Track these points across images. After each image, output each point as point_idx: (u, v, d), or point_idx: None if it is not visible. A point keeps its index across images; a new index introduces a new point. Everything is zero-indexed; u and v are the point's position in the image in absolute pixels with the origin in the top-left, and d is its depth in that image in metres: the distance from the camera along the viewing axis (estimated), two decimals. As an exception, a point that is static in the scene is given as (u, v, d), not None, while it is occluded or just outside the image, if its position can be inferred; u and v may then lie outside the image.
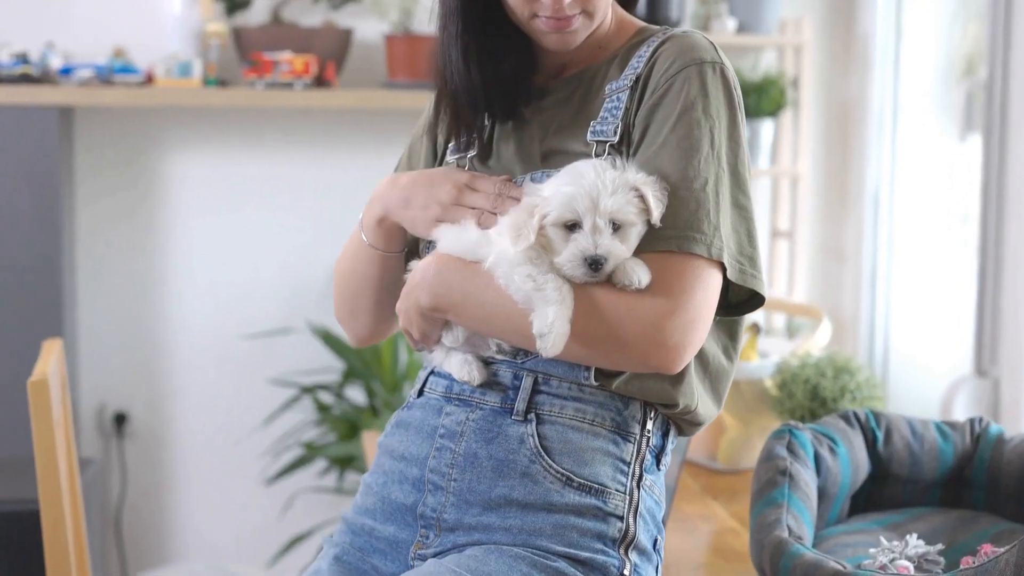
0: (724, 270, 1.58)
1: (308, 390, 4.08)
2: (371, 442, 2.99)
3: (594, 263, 1.52)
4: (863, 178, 4.22)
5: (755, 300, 1.66)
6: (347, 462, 3.99)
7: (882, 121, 4.18)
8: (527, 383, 1.65)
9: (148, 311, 4.13)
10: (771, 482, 1.85)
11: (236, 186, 4.12)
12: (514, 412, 1.64)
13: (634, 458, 1.65)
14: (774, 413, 2.63)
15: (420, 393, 1.76)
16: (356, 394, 4.17)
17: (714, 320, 1.64)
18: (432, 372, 1.75)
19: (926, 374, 3.99)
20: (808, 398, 2.55)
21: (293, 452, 4.12)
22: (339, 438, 4.03)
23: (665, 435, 1.70)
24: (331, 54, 3.91)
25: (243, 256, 4.15)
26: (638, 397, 1.64)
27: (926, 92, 4.06)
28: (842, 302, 4.36)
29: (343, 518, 1.80)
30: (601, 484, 1.62)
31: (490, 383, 1.66)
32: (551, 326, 1.51)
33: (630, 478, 1.64)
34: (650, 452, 1.67)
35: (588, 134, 1.66)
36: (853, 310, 4.28)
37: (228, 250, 4.15)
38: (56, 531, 2.12)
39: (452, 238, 1.65)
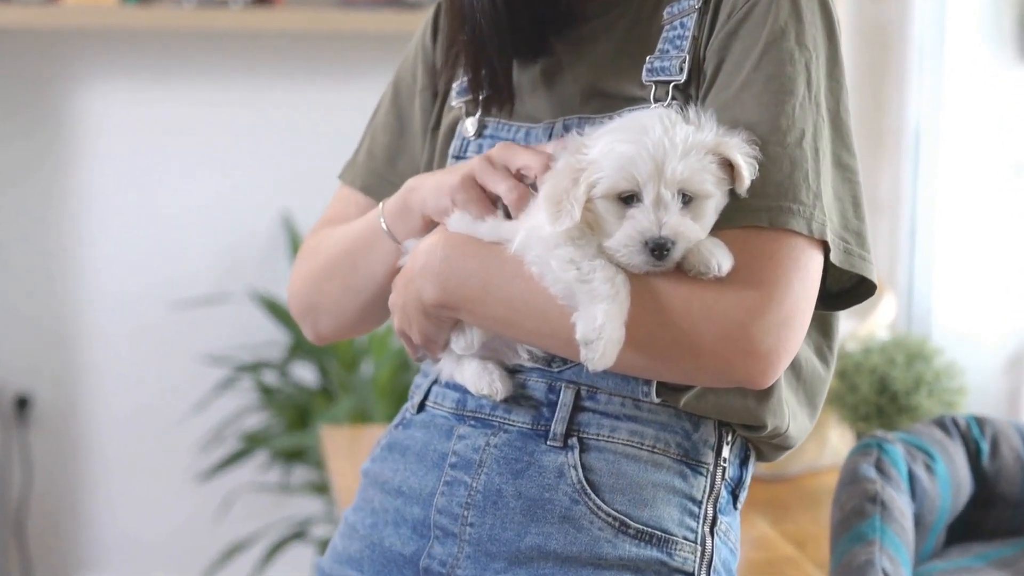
0: (826, 250, 1.43)
1: (248, 369, 4.02)
2: (332, 440, 2.91)
3: (657, 248, 1.35)
4: (902, 114, 4.07)
5: (862, 288, 1.50)
6: (295, 455, 3.92)
7: (924, 46, 4.02)
8: (566, 398, 1.51)
9: (55, 274, 4.08)
10: (858, 512, 1.78)
11: (162, 125, 4.05)
12: (550, 436, 1.50)
13: (706, 495, 1.51)
14: (831, 408, 2.54)
15: (421, 407, 1.62)
16: (306, 373, 4.10)
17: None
18: (436, 380, 1.62)
19: (978, 350, 3.87)
20: (875, 392, 2.47)
21: (230, 443, 4.06)
22: (286, 427, 3.96)
23: (744, 463, 1.56)
24: (274, -35, 3.87)
25: (170, 208, 4.10)
26: (712, 416, 1.50)
27: (977, 12, 3.90)
28: (878, 260, 4.20)
29: (317, 566, 1.68)
30: (665, 531, 1.49)
31: (517, 398, 1.52)
32: (600, 330, 1.35)
33: (701, 522, 1.50)
34: (725, 487, 1.53)
35: (644, 72, 1.51)
36: (889, 272, 4.14)
37: (152, 201, 4.09)
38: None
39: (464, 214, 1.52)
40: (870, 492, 1.77)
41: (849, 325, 2.71)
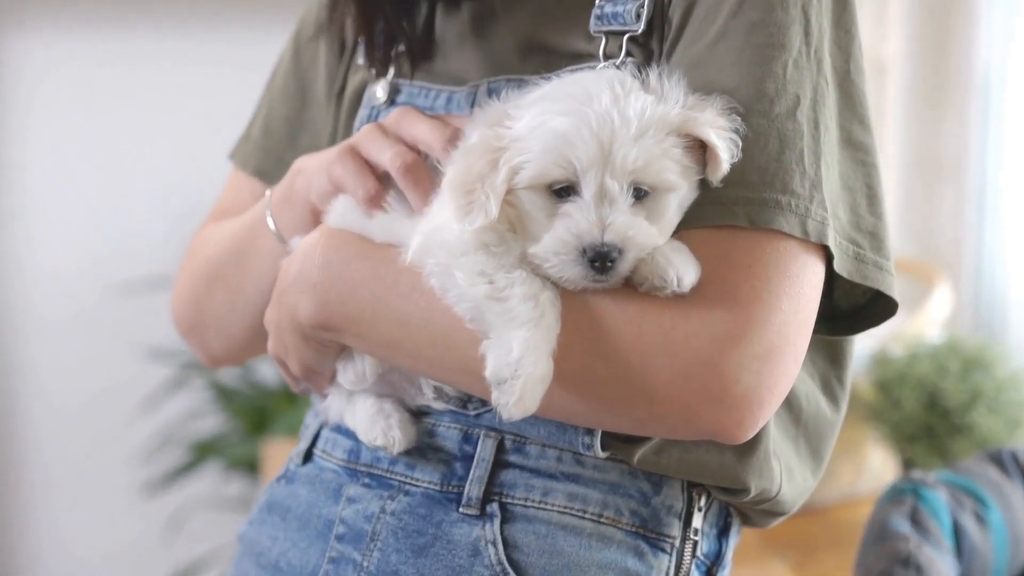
0: (828, 256, 1.31)
1: (201, 365, 3.91)
2: (276, 457, 2.90)
3: (599, 258, 1.22)
4: (970, 60, 4.05)
5: (881, 307, 1.39)
6: (255, 466, 3.87)
7: (995, -15, 3.98)
8: (485, 450, 1.39)
9: (-24, 257, 4.05)
10: (887, 576, 1.71)
11: (98, 80, 4.04)
12: (463, 500, 1.39)
13: (670, 579, 1.36)
14: (868, 427, 2.46)
15: (308, 457, 1.53)
16: (268, 371, 4.03)
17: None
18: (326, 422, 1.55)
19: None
20: (923, 407, 2.39)
21: (180, 451, 4.04)
22: (245, 432, 3.93)
23: (723, 533, 1.45)
24: None
25: (108, 178, 4.07)
26: (678, 476, 1.39)
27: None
28: (939, 236, 4.18)
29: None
30: (613, 628, 1.35)
31: (423, 449, 1.42)
32: (516, 365, 1.22)
33: (663, 615, 1.36)
34: (698, 567, 1.42)
35: (592, 21, 1.40)
36: (953, 252, 4.08)
37: (87, 170, 4.06)
38: None
39: (349, 203, 1.40)
40: (902, 552, 1.69)
41: (893, 323, 2.57)
